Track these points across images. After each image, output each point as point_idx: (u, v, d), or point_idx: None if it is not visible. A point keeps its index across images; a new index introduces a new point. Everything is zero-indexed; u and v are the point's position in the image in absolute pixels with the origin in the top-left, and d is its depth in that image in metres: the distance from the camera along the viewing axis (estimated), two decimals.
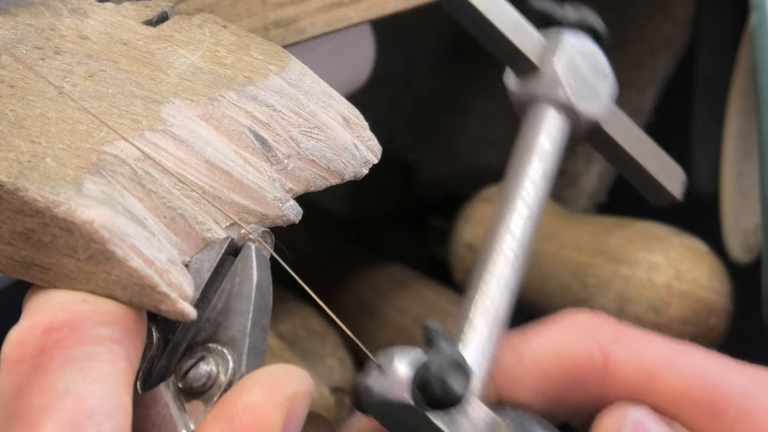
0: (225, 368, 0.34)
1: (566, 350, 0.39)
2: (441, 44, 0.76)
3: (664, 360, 0.39)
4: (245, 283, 0.35)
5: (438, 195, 0.72)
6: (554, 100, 0.42)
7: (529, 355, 0.39)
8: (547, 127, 0.42)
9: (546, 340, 0.39)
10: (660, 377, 0.39)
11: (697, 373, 0.39)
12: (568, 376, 0.39)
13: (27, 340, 0.32)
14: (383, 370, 0.36)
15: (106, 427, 0.31)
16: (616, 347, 0.39)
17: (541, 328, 0.40)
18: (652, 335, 0.40)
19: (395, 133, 0.76)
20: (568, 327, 0.40)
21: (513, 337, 0.40)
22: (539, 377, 0.39)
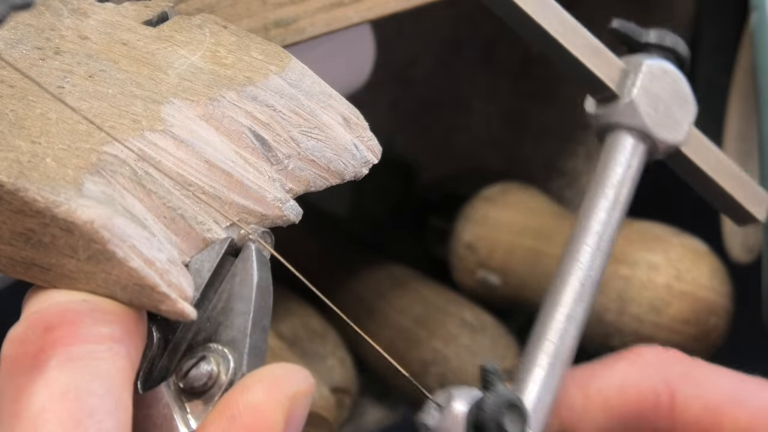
0: (226, 368, 0.34)
1: (632, 386, 0.39)
2: (441, 44, 0.76)
3: (731, 396, 0.39)
4: (246, 283, 0.35)
5: (438, 195, 0.72)
6: (632, 128, 0.42)
7: (595, 390, 0.39)
8: (624, 155, 0.42)
9: (613, 376, 0.39)
10: (727, 414, 0.39)
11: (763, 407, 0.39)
12: (634, 412, 0.39)
13: (27, 338, 0.32)
14: (441, 409, 0.36)
15: (107, 425, 0.31)
16: (683, 384, 0.39)
17: (608, 363, 0.40)
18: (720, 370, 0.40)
19: (395, 133, 0.76)
20: (634, 362, 0.40)
21: (579, 372, 0.40)
22: (605, 413, 0.39)
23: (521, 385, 0.39)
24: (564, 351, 0.39)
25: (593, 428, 0.39)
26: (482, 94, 0.76)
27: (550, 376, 0.39)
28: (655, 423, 0.39)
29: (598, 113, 0.43)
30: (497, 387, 0.36)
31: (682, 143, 0.43)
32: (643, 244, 0.58)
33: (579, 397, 0.39)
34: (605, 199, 0.42)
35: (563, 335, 0.39)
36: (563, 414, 0.39)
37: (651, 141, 0.42)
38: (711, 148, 0.45)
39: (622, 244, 0.59)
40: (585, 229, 0.41)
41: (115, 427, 0.31)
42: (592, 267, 0.41)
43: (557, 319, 0.40)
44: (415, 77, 0.77)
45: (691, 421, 0.39)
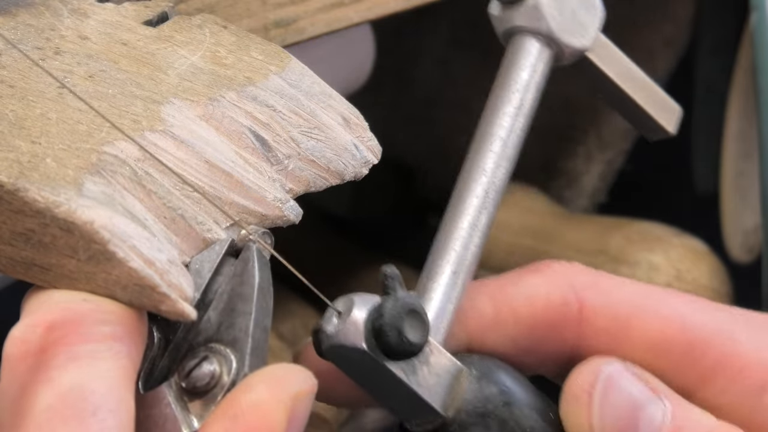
0: (228, 368, 0.34)
1: (542, 297, 0.38)
2: (441, 44, 0.76)
3: (640, 305, 0.38)
4: (247, 283, 0.35)
5: (438, 195, 0.72)
6: (536, 31, 0.41)
7: (504, 300, 0.38)
8: (528, 58, 0.41)
9: (522, 286, 0.38)
10: (636, 323, 0.38)
11: (673, 316, 0.38)
12: (543, 323, 0.38)
13: (29, 338, 0.32)
14: (341, 316, 0.35)
15: (110, 424, 0.31)
16: (592, 294, 0.38)
17: (518, 275, 0.39)
18: (627, 281, 0.39)
19: (395, 133, 0.76)
20: (544, 274, 0.39)
21: (488, 283, 0.39)
22: (513, 324, 0.38)
23: (423, 293, 0.38)
24: (467, 259, 0.38)
25: (502, 339, 0.38)
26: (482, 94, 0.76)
27: (452, 285, 0.38)
28: (564, 334, 0.38)
29: (502, 16, 0.42)
30: (397, 292, 0.35)
31: (588, 49, 0.42)
32: (644, 244, 0.58)
33: (488, 308, 0.38)
34: (509, 105, 0.40)
35: (466, 243, 0.38)
36: (471, 324, 0.38)
37: (556, 46, 0.41)
38: (619, 55, 0.43)
39: (622, 244, 0.59)
40: (489, 135, 0.40)
41: (118, 426, 0.31)
42: (495, 174, 0.40)
43: (460, 227, 0.39)
44: (415, 77, 0.77)
45: (599, 332, 0.38)
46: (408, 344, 0.34)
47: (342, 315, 0.35)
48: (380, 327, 0.34)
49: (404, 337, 0.34)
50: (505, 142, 0.40)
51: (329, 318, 0.35)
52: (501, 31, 0.42)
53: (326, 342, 0.35)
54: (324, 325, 0.35)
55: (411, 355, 0.35)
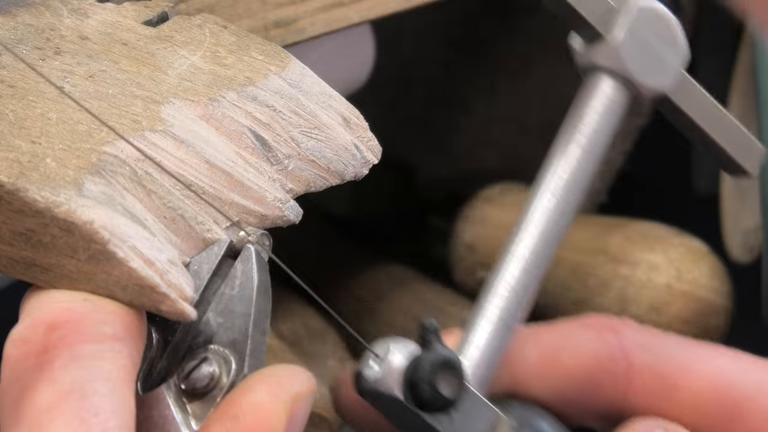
0: (227, 370, 0.34)
1: (590, 351, 0.38)
2: (441, 44, 0.76)
3: (685, 363, 0.38)
4: (246, 285, 0.35)
5: (438, 195, 0.72)
6: (614, 72, 0.40)
7: (551, 350, 0.38)
8: (602, 100, 0.40)
9: (571, 339, 0.39)
10: (681, 383, 0.38)
11: (718, 374, 0.38)
12: (589, 377, 0.38)
13: (29, 338, 0.32)
14: (379, 361, 0.36)
15: (112, 424, 0.31)
16: (639, 351, 0.38)
17: (567, 326, 0.39)
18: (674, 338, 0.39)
19: (395, 133, 0.76)
20: (593, 328, 0.39)
21: (537, 331, 0.39)
22: (559, 375, 0.38)
23: (467, 339, 0.37)
24: (516, 307, 0.38)
25: (546, 388, 0.38)
26: (482, 94, 0.76)
27: (499, 333, 0.37)
28: (610, 389, 0.38)
29: (582, 51, 0.41)
30: (434, 345, 0.35)
31: (669, 90, 0.41)
32: (644, 244, 0.58)
33: (534, 356, 0.38)
34: (577, 146, 0.39)
35: (516, 290, 0.38)
36: (516, 371, 0.38)
37: (634, 87, 0.40)
38: (703, 96, 0.42)
39: (622, 244, 0.59)
40: (552, 178, 0.39)
41: (120, 426, 0.31)
42: (557, 221, 0.39)
43: (511, 274, 0.38)
44: (415, 77, 0.77)
45: (645, 390, 0.38)
46: (441, 399, 0.35)
47: (380, 361, 0.36)
48: (415, 381, 0.35)
49: (437, 392, 0.35)
50: (568, 186, 0.39)
51: (367, 361, 0.36)
52: (580, 66, 0.41)
53: (364, 386, 0.36)
54: (363, 368, 0.36)
55: (444, 408, 0.35)
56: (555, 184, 0.39)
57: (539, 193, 0.39)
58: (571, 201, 0.39)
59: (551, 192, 0.39)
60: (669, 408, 0.38)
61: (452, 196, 0.70)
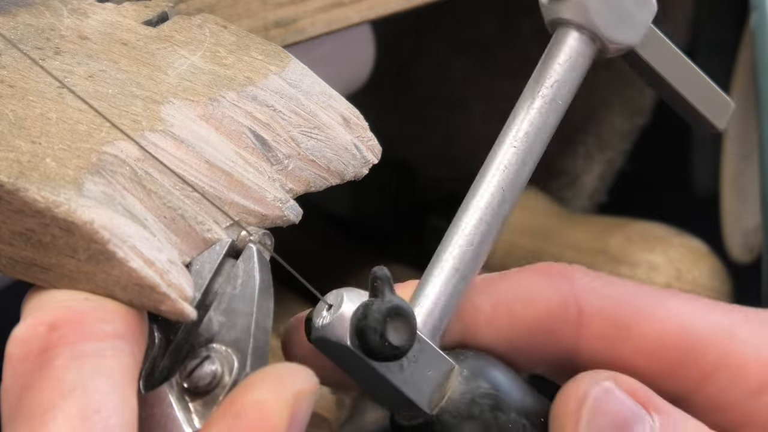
0: (229, 368, 0.34)
1: (541, 298, 0.38)
2: (441, 44, 0.76)
3: (638, 308, 0.38)
4: (248, 284, 0.35)
5: (438, 195, 0.72)
6: (581, 26, 0.40)
7: (501, 298, 0.38)
8: (568, 53, 0.40)
9: (522, 286, 0.38)
10: (634, 327, 0.37)
11: (671, 318, 0.37)
12: (541, 324, 0.38)
13: (31, 337, 0.32)
14: (330, 310, 0.35)
15: (114, 421, 0.31)
16: (591, 297, 0.38)
17: (518, 274, 0.38)
18: (626, 282, 0.39)
19: (395, 133, 0.76)
20: (544, 275, 0.38)
21: (486, 279, 0.38)
22: (510, 322, 0.38)
23: (423, 287, 0.37)
24: (471, 258, 0.37)
25: (496, 336, 0.38)
26: (482, 94, 0.76)
27: (454, 282, 0.37)
28: (562, 336, 0.38)
29: (549, 6, 0.40)
30: (385, 294, 0.34)
31: (637, 45, 0.41)
32: (644, 244, 0.58)
33: (485, 304, 0.38)
34: (540, 99, 0.39)
35: (473, 240, 0.37)
36: (466, 318, 0.38)
37: (600, 41, 0.40)
38: (671, 49, 0.42)
39: (622, 244, 0.59)
40: (516, 128, 0.39)
41: (122, 424, 0.31)
42: (518, 172, 0.38)
43: (469, 223, 0.38)
44: (415, 77, 0.77)
45: (597, 336, 0.37)
46: (390, 348, 0.34)
47: (331, 309, 0.35)
48: (363, 328, 0.34)
49: (386, 341, 0.34)
50: (532, 138, 0.39)
51: (320, 310, 0.36)
52: (547, 21, 0.41)
53: (314, 333, 0.35)
54: (314, 316, 0.36)
55: (394, 358, 0.35)
56: (517, 136, 0.39)
57: (501, 145, 0.39)
58: (532, 153, 0.39)
59: (513, 144, 0.39)
60: (622, 354, 0.37)
61: (452, 196, 0.70)
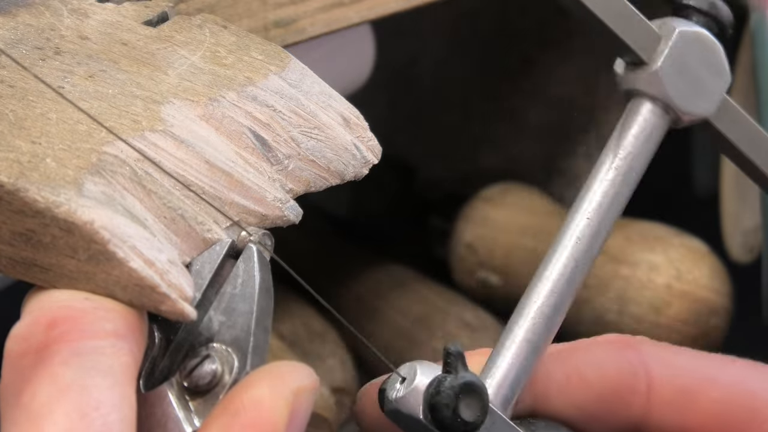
0: (230, 368, 0.34)
1: (612, 366, 0.39)
2: (441, 44, 0.76)
3: (703, 376, 0.39)
4: (248, 284, 0.35)
5: (438, 195, 0.72)
6: (655, 98, 0.40)
7: (573, 366, 0.39)
8: (641, 124, 0.40)
9: (593, 354, 0.39)
10: (701, 392, 0.39)
11: (736, 383, 0.39)
12: (612, 392, 0.39)
13: (30, 335, 0.32)
14: (404, 383, 0.36)
15: (113, 418, 0.31)
16: (659, 366, 0.39)
17: (589, 343, 0.40)
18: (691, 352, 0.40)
19: (395, 133, 0.76)
20: (615, 345, 0.39)
21: (559, 348, 0.39)
22: (581, 390, 0.39)
23: (494, 360, 0.38)
24: (543, 329, 0.38)
25: (568, 405, 0.39)
26: (482, 94, 0.76)
27: (524, 354, 0.37)
28: (632, 404, 0.39)
29: (624, 76, 0.41)
30: (458, 370, 0.35)
31: (710, 115, 0.41)
32: (644, 244, 0.58)
33: (557, 372, 0.39)
34: (615, 170, 0.39)
35: (544, 312, 0.38)
36: (538, 389, 0.38)
37: (674, 112, 0.40)
38: (744, 119, 0.42)
39: (622, 244, 0.59)
40: (588, 200, 0.39)
41: (121, 420, 0.31)
42: (591, 243, 0.39)
43: (540, 296, 0.38)
44: (415, 77, 0.77)
45: (666, 403, 0.38)
46: (462, 424, 0.35)
47: (405, 382, 0.36)
48: (436, 404, 0.35)
49: (459, 417, 0.35)
50: (602, 209, 0.39)
51: (393, 382, 0.36)
52: (622, 90, 0.41)
53: (388, 405, 0.36)
54: (388, 389, 0.36)
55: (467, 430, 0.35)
56: (590, 207, 0.39)
57: (575, 216, 0.39)
58: (605, 224, 0.39)
59: (586, 215, 0.39)
60: (690, 419, 0.39)
61: (452, 196, 0.70)
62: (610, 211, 0.39)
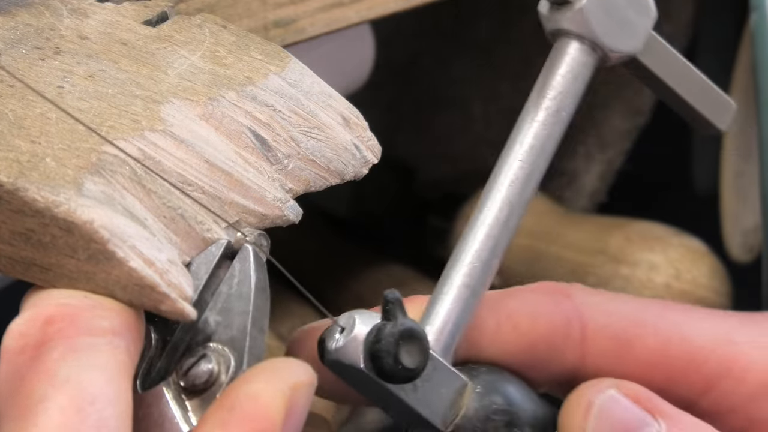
0: (226, 367, 0.34)
1: (545, 314, 0.38)
2: (441, 44, 0.76)
3: (639, 322, 0.38)
4: (244, 283, 0.35)
5: (438, 195, 0.72)
6: (581, 37, 0.40)
7: (506, 314, 0.38)
8: (569, 64, 0.40)
9: (526, 303, 0.39)
10: (636, 340, 0.38)
11: (671, 329, 0.38)
12: (545, 340, 0.38)
13: (28, 331, 0.32)
14: (343, 332, 0.36)
15: (108, 413, 0.31)
16: (593, 313, 0.38)
17: (521, 291, 0.39)
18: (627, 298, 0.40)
19: (395, 133, 0.76)
20: (547, 293, 0.39)
21: (492, 296, 0.39)
22: (515, 338, 0.38)
23: (432, 307, 0.37)
24: (480, 274, 0.38)
25: (502, 353, 0.38)
26: (482, 94, 0.76)
27: (462, 299, 0.37)
28: (566, 352, 0.38)
29: (548, 16, 0.41)
30: (397, 317, 0.35)
31: (638, 52, 0.41)
32: (643, 243, 0.58)
33: (489, 320, 0.38)
34: (543, 111, 0.39)
35: (481, 257, 0.38)
36: (472, 336, 0.38)
37: (601, 50, 0.40)
38: (671, 54, 0.42)
39: (622, 244, 0.59)
40: (518, 142, 0.39)
41: (116, 416, 0.31)
42: (524, 185, 0.39)
43: (476, 240, 0.38)
44: (415, 77, 0.77)
45: (601, 351, 0.38)
46: (403, 370, 0.35)
47: (344, 332, 0.36)
48: (376, 352, 0.35)
49: (400, 363, 0.35)
50: (534, 150, 0.39)
51: (332, 332, 0.36)
52: (547, 31, 0.41)
53: (328, 356, 0.36)
54: (327, 339, 0.36)
55: (407, 380, 0.35)
56: (522, 149, 0.39)
57: (507, 159, 0.39)
58: (538, 166, 0.39)
59: (519, 157, 0.39)
60: (625, 366, 0.38)
61: (452, 196, 0.70)
62: (542, 153, 0.39)
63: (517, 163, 0.39)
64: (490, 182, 0.39)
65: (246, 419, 0.32)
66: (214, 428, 0.32)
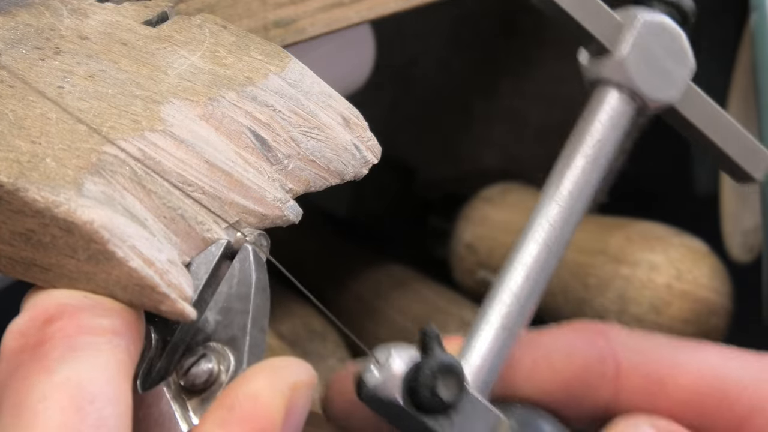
0: (226, 366, 0.34)
1: (580, 353, 0.39)
2: (441, 44, 0.76)
3: (672, 361, 0.39)
4: (244, 283, 0.35)
5: (438, 195, 0.72)
6: (621, 86, 0.40)
7: (542, 353, 0.39)
8: (608, 112, 0.41)
9: (561, 341, 0.39)
10: (669, 379, 0.39)
11: (705, 368, 0.39)
12: (580, 379, 0.39)
13: (27, 330, 0.32)
14: (379, 366, 0.36)
15: (108, 412, 0.31)
16: (627, 352, 0.39)
17: (556, 330, 0.40)
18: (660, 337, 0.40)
19: (395, 133, 0.76)
20: (582, 332, 0.39)
21: (528, 335, 0.39)
22: (550, 377, 0.39)
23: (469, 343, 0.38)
24: (518, 313, 0.38)
25: (537, 390, 0.39)
26: (482, 94, 0.76)
27: (499, 337, 0.38)
28: (600, 391, 0.39)
29: (588, 66, 0.41)
30: (435, 351, 0.36)
31: (676, 101, 0.42)
32: (644, 243, 0.58)
33: (525, 359, 0.39)
34: (582, 158, 0.40)
35: (519, 297, 0.38)
36: (508, 374, 0.39)
37: (640, 99, 0.41)
38: (709, 105, 0.43)
39: (622, 244, 0.59)
40: (558, 188, 0.40)
41: (116, 415, 0.31)
42: (562, 228, 0.39)
43: (515, 281, 0.38)
44: (415, 77, 0.77)
45: (635, 389, 0.39)
46: (440, 402, 0.36)
47: (381, 366, 0.36)
48: (415, 387, 0.35)
49: (437, 396, 0.35)
50: (573, 196, 0.40)
51: (368, 367, 0.36)
52: (587, 80, 0.42)
53: (365, 392, 0.36)
54: (363, 374, 0.36)
55: (444, 411, 0.36)
56: (560, 193, 0.40)
57: (545, 202, 0.40)
58: (576, 210, 0.40)
59: (556, 201, 0.39)
60: (659, 405, 0.39)
61: (452, 196, 0.70)
62: (580, 198, 0.40)
63: (556, 207, 0.39)
64: (530, 223, 0.39)
65: (246, 419, 0.32)
66: (214, 428, 0.32)
